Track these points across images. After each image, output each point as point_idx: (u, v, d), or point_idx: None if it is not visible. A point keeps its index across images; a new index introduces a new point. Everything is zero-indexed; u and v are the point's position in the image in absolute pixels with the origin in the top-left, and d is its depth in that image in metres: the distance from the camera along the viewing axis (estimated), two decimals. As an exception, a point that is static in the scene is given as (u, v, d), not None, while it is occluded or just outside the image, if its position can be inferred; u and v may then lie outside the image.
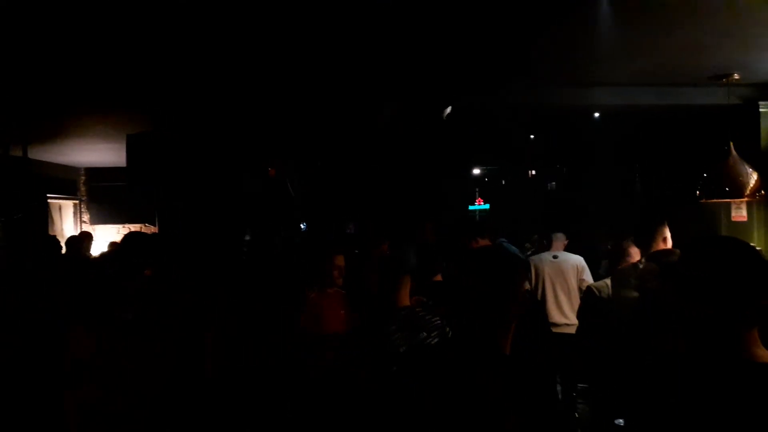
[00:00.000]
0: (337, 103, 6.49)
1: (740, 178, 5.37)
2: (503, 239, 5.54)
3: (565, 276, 5.63)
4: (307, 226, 10.44)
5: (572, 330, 5.12)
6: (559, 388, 5.12)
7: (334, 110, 6.83)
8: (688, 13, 4.03)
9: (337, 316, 3.89)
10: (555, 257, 5.75)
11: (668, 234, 3.67)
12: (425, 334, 2.80)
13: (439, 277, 3.70)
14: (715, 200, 5.57)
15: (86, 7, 3.68)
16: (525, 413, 1.52)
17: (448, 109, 6.56)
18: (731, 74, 5.48)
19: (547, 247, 5.91)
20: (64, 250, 6.56)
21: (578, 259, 5.73)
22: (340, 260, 4.06)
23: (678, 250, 3.04)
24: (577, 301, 5.58)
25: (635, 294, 3.47)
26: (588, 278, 5.59)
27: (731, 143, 5.54)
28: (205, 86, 5.66)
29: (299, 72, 5.26)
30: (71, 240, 7.01)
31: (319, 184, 10.91)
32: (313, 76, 5.39)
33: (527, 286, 4.17)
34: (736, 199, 5.59)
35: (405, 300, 3.02)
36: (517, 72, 5.57)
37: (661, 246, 3.62)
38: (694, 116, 6.72)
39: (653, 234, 3.64)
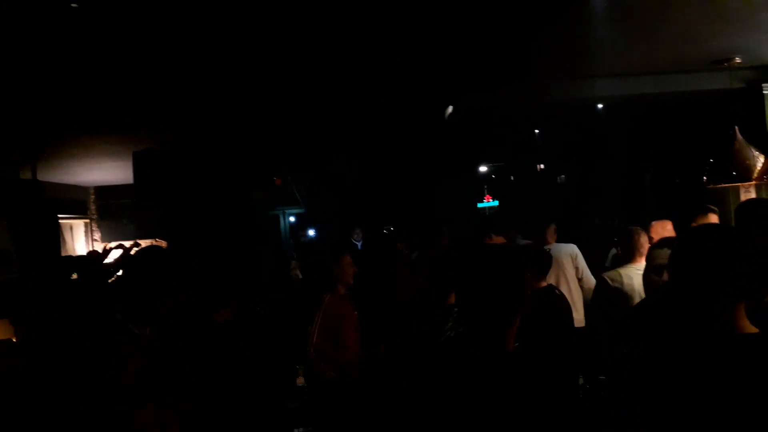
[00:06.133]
0: (339, 108, 6.50)
1: (747, 162, 5.35)
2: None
3: (562, 266, 5.62)
4: (317, 232, 10.48)
5: (576, 317, 5.11)
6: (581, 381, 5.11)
7: (338, 116, 6.84)
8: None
9: (353, 316, 3.92)
10: (548, 250, 5.76)
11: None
12: None
13: None
14: (722, 185, 5.54)
15: (91, 27, 3.71)
16: (529, 407, 1.53)
17: (450, 109, 6.56)
18: (732, 58, 5.46)
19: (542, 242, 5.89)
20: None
21: (571, 247, 5.75)
22: (349, 260, 4.08)
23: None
24: (576, 289, 5.59)
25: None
26: (582, 264, 5.59)
27: (736, 127, 5.51)
28: (210, 102, 5.69)
29: (304, 80, 5.27)
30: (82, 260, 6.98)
31: (327, 191, 10.95)
32: (317, 83, 5.40)
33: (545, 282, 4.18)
34: (744, 183, 5.56)
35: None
36: (518, 68, 5.56)
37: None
38: (699, 102, 6.69)
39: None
